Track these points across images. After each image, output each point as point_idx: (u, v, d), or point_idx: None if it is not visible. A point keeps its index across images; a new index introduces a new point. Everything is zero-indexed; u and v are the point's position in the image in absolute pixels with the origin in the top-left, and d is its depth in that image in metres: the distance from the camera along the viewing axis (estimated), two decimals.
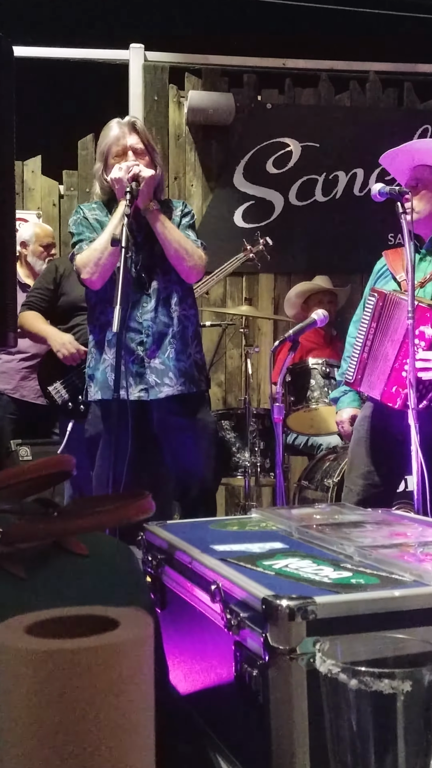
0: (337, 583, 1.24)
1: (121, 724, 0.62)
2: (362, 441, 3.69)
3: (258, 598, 1.15)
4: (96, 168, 3.63)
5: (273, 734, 1.10)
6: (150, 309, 3.50)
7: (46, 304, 4.87)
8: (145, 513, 1.16)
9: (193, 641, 1.47)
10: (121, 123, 3.59)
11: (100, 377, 3.52)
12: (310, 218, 6.37)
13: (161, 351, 3.50)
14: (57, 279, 4.88)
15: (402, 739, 0.86)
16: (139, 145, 3.54)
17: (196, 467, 3.60)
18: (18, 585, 1.04)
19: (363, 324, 3.59)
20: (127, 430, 3.22)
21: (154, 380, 3.47)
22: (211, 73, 6.49)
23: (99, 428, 3.55)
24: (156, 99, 6.43)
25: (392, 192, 3.39)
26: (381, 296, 3.51)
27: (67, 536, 1.14)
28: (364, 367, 3.56)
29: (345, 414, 3.96)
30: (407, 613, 1.16)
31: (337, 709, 0.88)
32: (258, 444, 4.97)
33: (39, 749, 0.61)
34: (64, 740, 0.61)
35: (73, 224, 3.63)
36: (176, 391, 3.49)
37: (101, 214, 3.61)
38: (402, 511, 2.36)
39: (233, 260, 5.44)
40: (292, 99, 6.61)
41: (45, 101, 7.45)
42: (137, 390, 3.47)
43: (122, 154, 3.52)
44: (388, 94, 6.73)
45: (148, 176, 3.39)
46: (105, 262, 3.37)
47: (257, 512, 1.97)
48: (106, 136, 3.58)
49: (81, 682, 0.61)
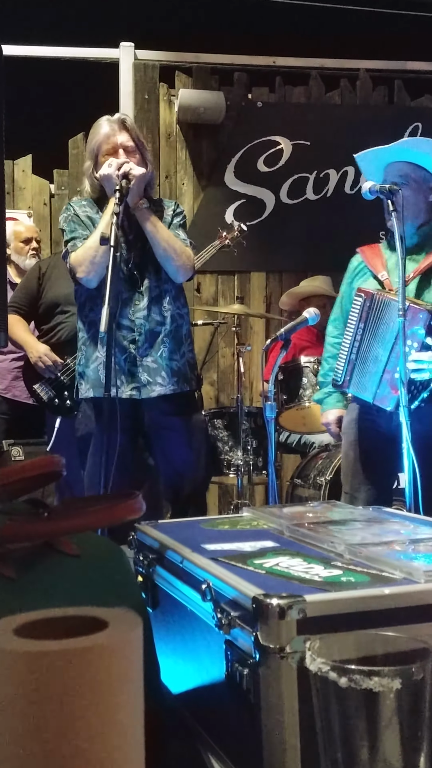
0: (327, 581, 1.25)
1: (110, 725, 0.63)
2: (354, 445, 3.66)
3: (248, 596, 1.15)
4: (86, 166, 3.61)
5: (264, 732, 1.10)
6: (142, 307, 3.49)
7: (28, 307, 4.91)
8: (136, 513, 1.16)
9: (185, 640, 1.47)
10: (111, 120, 3.58)
11: (92, 375, 3.51)
12: (301, 216, 6.37)
13: (154, 349, 3.49)
14: (40, 279, 4.92)
15: (392, 736, 0.86)
16: (129, 142, 3.53)
17: (187, 466, 3.60)
18: (8, 586, 1.04)
19: (350, 324, 3.55)
20: (117, 431, 3.21)
21: (146, 379, 3.47)
22: (201, 71, 6.49)
23: (90, 427, 3.54)
24: (146, 97, 6.43)
25: (382, 190, 3.39)
26: (368, 296, 3.48)
27: (58, 537, 1.14)
28: (352, 369, 3.53)
29: (331, 415, 3.90)
30: (397, 610, 1.16)
31: (328, 707, 0.88)
32: (250, 442, 4.97)
33: (28, 749, 0.61)
34: (53, 741, 0.61)
35: (64, 221, 3.62)
36: (168, 390, 3.49)
37: (92, 211, 3.60)
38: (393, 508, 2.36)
39: (209, 247, 5.42)
40: (282, 97, 6.61)
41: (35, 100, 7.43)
42: (129, 388, 3.46)
43: (112, 152, 3.50)
44: (379, 91, 6.74)
45: (138, 174, 3.38)
46: (100, 260, 3.36)
47: (248, 511, 1.97)
48: (96, 134, 3.56)
49: (70, 683, 0.61)
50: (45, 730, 0.61)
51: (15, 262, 5.45)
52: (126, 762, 0.64)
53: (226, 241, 5.42)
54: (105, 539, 1.31)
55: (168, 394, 3.50)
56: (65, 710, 0.61)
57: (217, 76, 6.53)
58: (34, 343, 4.78)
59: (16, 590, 1.04)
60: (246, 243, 5.53)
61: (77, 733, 0.61)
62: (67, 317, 4.74)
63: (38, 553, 1.11)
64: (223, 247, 5.43)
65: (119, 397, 3.36)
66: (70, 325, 4.63)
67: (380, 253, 3.70)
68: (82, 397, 3.58)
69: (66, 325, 4.74)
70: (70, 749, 0.61)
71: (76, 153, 6.42)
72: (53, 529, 1.13)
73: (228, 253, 5.56)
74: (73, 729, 0.61)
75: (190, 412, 3.68)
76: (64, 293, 4.69)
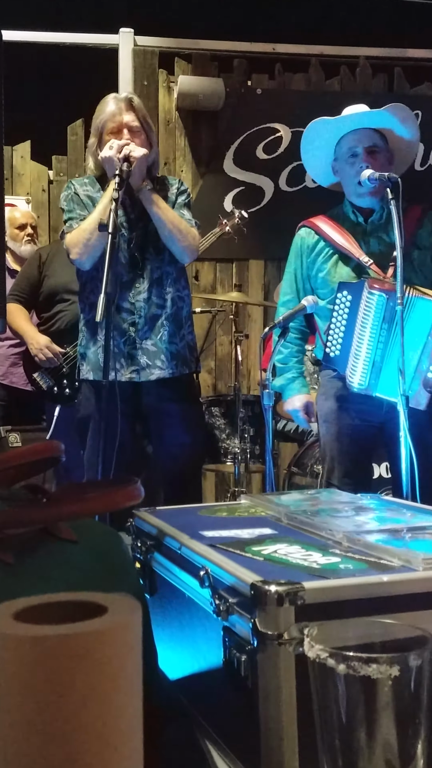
0: (325, 568, 1.25)
1: (109, 710, 0.63)
2: (339, 437, 3.57)
3: (247, 583, 1.15)
4: (90, 143, 3.58)
5: (261, 719, 1.10)
6: (143, 290, 3.48)
7: (28, 295, 4.91)
8: (134, 499, 1.16)
9: (182, 627, 1.47)
10: (118, 99, 3.54)
11: (92, 358, 3.51)
12: (300, 204, 6.34)
13: (153, 333, 3.48)
14: (40, 267, 4.93)
15: (390, 724, 0.86)
16: (135, 122, 3.49)
17: (183, 449, 3.59)
18: (6, 571, 1.04)
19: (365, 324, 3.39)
20: (117, 415, 3.21)
21: (146, 362, 3.47)
22: (201, 58, 6.47)
23: (90, 409, 3.54)
24: (146, 84, 6.41)
25: (381, 178, 3.37)
26: (390, 294, 3.32)
27: (56, 522, 1.14)
28: (379, 371, 3.38)
29: (298, 401, 3.77)
30: (395, 598, 1.16)
31: (326, 694, 0.88)
32: (248, 430, 4.98)
33: (26, 734, 0.61)
34: (52, 725, 0.61)
35: (63, 200, 3.60)
36: (167, 374, 3.49)
37: (93, 190, 3.57)
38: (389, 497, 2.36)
39: (209, 235, 5.41)
40: (282, 84, 6.59)
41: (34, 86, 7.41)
42: (128, 371, 3.46)
43: (117, 131, 3.47)
44: (379, 79, 6.72)
45: (140, 156, 3.35)
46: (94, 243, 3.35)
47: (246, 498, 1.97)
48: (102, 111, 3.53)
49: (69, 668, 0.61)
50: (44, 714, 0.61)
51: (11, 248, 5.44)
52: (124, 746, 0.64)
53: (226, 229, 5.40)
54: (103, 525, 1.31)
55: (167, 378, 3.49)
56: (64, 695, 0.61)
57: (216, 63, 6.50)
58: (34, 334, 4.78)
59: (14, 575, 1.04)
60: (245, 230, 5.52)
61: (76, 718, 0.61)
62: (67, 305, 4.74)
63: (36, 539, 1.11)
64: (223, 234, 5.42)
65: (118, 381, 3.36)
66: (70, 313, 4.63)
67: (345, 231, 3.60)
68: (83, 378, 3.58)
69: (66, 313, 4.74)
70: (68, 734, 0.61)
71: (75, 139, 6.41)
72: (51, 515, 1.13)
73: (226, 240, 5.55)
74: (72, 714, 0.61)
75: (189, 395, 3.68)
76: (64, 281, 4.69)
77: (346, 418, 3.56)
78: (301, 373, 3.81)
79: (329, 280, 3.59)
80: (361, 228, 3.60)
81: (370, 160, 3.49)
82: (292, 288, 3.75)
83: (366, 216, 3.59)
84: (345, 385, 3.46)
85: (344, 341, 3.45)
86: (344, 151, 3.57)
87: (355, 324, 3.42)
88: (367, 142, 3.52)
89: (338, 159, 3.63)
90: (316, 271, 3.64)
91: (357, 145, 3.53)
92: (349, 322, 3.43)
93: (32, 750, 0.61)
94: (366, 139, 3.53)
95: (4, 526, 1.07)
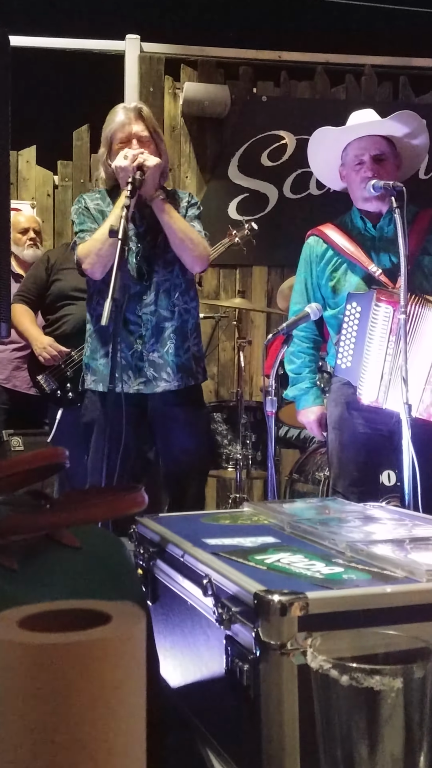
0: (328, 578, 1.24)
1: (113, 718, 0.62)
2: (348, 445, 3.54)
3: (250, 592, 1.15)
4: (101, 153, 3.57)
5: (263, 729, 1.10)
6: (149, 302, 3.48)
7: (35, 296, 4.91)
8: (138, 506, 1.16)
9: (184, 635, 1.47)
10: (128, 109, 3.54)
11: (99, 369, 3.51)
12: (304, 211, 6.35)
13: (160, 345, 3.49)
14: (48, 269, 4.92)
15: (392, 735, 0.86)
16: (144, 132, 3.49)
17: (188, 457, 3.59)
18: (9, 577, 1.04)
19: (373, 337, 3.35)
20: (122, 423, 3.21)
21: (152, 374, 3.47)
22: (206, 64, 6.47)
23: (95, 414, 3.54)
24: (151, 90, 6.41)
25: (386, 187, 3.36)
26: (397, 308, 3.23)
27: (60, 529, 1.14)
28: (387, 386, 3.34)
29: (312, 414, 3.74)
30: (399, 609, 1.16)
31: (328, 705, 0.88)
32: (249, 437, 4.97)
33: (30, 742, 0.61)
34: (56, 733, 0.61)
35: (74, 213, 3.61)
36: (173, 386, 3.49)
37: (103, 204, 3.58)
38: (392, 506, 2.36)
39: (218, 246, 5.42)
40: (287, 92, 6.59)
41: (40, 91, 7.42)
42: (136, 383, 3.46)
43: (127, 141, 3.47)
44: (384, 87, 6.72)
45: (153, 165, 3.36)
46: (105, 253, 3.35)
47: (249, 506, 1.97)
48: (112, 121, 3.52)
49: (73, 676, 0.61)
50: (48, 721, 0.61)
51: (14, 252, 5.44)
52: (127, 755, 0.64)
53: (236, 240, 5.41)
54: (106, 532, 1.31)
55: (173, 390, 3.50)
56: (68, 703, 0.61)
57: (222, 70, 6.51)
58: (38, 335, 4.79)
59: (17, 581, 1.04)
60: (254, 242, 5.53)
61: (80, 726, 0.61)
62: (72, 309, 4.74)
63: (40, 545, 1.11)
64: (232, 245, 5.43)
65: (126, 393, 3.36)
66: (76, 317, 4.63)
67: (354, 240, 3.58)
68: (88, 388, 3.58)
69: (71, 317, 4.74)
70: (72, 742, 0.61)
71: (80, 144, 6.41)
72: (55, 521, 1.13)
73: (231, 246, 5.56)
74: (75, 722, 0.61)
75: (194, 404, 3.67)
76: (71, 285, 4.70)
77: (355, 426, 3.54)
78: (314, 383, 3.79)
79: (339, 290, 3.57)
80: (369, 236, 3.59)
81: (376, 168, 3.48)
82: (302, 297, 3.73)
83: (374, 222, 3.58)
84: (355, 392, 3.45)
85: (355, 353, 3.41)
86: (351, 158, 3.56)
87: (365, 336, 3.39)
88: (373, 150, 3.51)
89: (345, 165, 3.62)
90: (326, 280, 3.62)
91: (363, 153, 3.52)
92: (359, 334, 3.40)
93: (36, 757, 0.61)
94: (373, 147, 3.51)
95: (8, 532, 1.07)
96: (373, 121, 3.59)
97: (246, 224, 5.43)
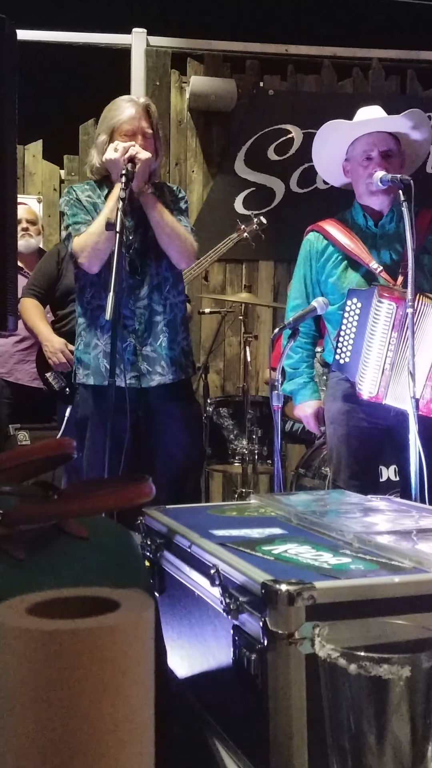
0: (336, 568, 1.24)
1: (121, 706, 0.62)
2: (347, 438, 3.56)
3: (257, 582, 1.15)
4: (102, 140, 3.53)
5: (271, 718, 1.10)
6: (143, 296, 3.48)
7: (45, 290, 4.90)
8: (146, 497, 1.16)
9: (192, 625, 1.47)
10: (137, 103, 3.53)
11: (92, 362, 3.50)
12: (310, 205, 6.34)
13: (153, 338, 3.49)
14: (59, 263, 4.91)
15: (401, 724, 0.86)
16: (149, 129, 3.50)
17: (183, 451, 3.59)
18: (17, 567, 1.04)
19: (374, 333, 3.39)
20: (117, 416, 3.20)
21: (146, 368, 3.47)
22: (213, 58, 6.47)
23: (88, 411, 3.54)
24: (158, 84, 6.41)
25: (393, 180, 3.37)
26: (399, 304, 3.31)
27: (67, 519, 1.14)
28: (387, 380, 3.38)
29: (309, 408, 3.78)
30: (406, 599, 1.16)
31: (336, 694, 0.88)
32: (255, 431, 4.97)
33: (39, 729, 0.61)
34: (64, 720, 0.61)
35: (66, 205, 3.58)
36: (168, 379, 3.50)
37: (94, 195, 3.57)
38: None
39: (226, 240, 5.42)
40: (294, 85, 6.59)
41: (47, 85, 7.43)
42: (129, 377, 3.46)
43: (132, 135, 3.46)
44: (391, 81, 6.71)
45: (145, 158, 3.35)
46: (102, 247, 3.34)
47: (256, 498, 1.97)
48: (120, 112, 3.51)
49: (82, 663, 0.61)
50: (56, 708, 0.61)
51: None
52: (136, 744, 0.64)
53: (244, 235, 5.41)
54: (113, 523, 1.31)
55: (167, 383, 3.50)
56: (76, 690, 0.61)
57: (229, 64, 6.51)
58: (49, 334, 4.77)
59: (25, 571, 1.04)
60: (263, 236, 5.53)
61: (88, 713, 0.61)
62: None
63: (47, 535, 1.11)
64: (240, 240, 5.42)
65: (119, 386, 3.36)
66: None
67: (354, 236, 3.60)
68: (80, 383, 3.58)
69: None
70: (80, 729, 0.61)
71: (86, 139, 6.41)
72: (62, 512, 1.13)
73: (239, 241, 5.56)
74: (84, 709, 0.61)
75: (187, 398, 3.69)
76: None
77: (354, 420, 3.55)
78: (311, 378, 3.81)
79: (339, 286, 3.58)
80: (371, 233, 3.59)
81: (384, 165, 3.49)
82: (301, 293, 3.74)
83: (376, 219, 3.59)
84: (353, 386, 3.46)
85: (354, 349, 3.44)
86: (358, 153, 3.56)
87: (365, 332, 3.41)
88: (382, 146, 3.52)
89: (350, 160, 3.62)
90: (326, 276, 3.63)
91: (372, 149, 3.52)
92: (359, 330, 3.42)
93: (44, 744, 0.61)
94: (382, 143, 3.52)
95: (16, 522, 1.07)
96: (385, 117, 3.59)
97: (255, 218, 5.43)
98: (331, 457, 3.69)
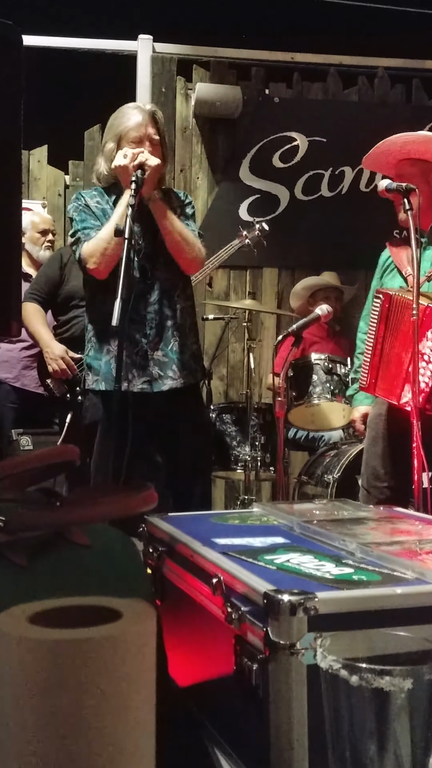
0: (338, 579, 1.24)
1: (122, 714, 0.62)
2: (378, 441, 3.65)
3: (259, 592, 1.15)
4: (110, 148, 3.52)
5: (272, 728, 1.10)
6: (153, 301, 3.49)
7: (47, 295, 4.90)
8: (148, 505, 1.16)
9: (193, 634, 1.47)
10: (144, 111, 3.53)
11: (103, 368, 3.50)
12: (315, 213, 6.35)
13: (164, 343, 3.49)
14: (62, 268, 4.90)
15: (401, 736, 0.86)
16: (156, 136, 3.51)
17: (195, 457, 3.59)
18: (19, 573, 1.04)
19: (372, 325, 3.53)
20: (127, 422, 3.21)
21: (158, 372, 3.47)
22: (219, 65, 6.47)
23: (97, 415, 3.55)
24: (163, 90, 6.42)
25: (399, 188, 3.39)
26: (387, 298, 3.45)
27: (70, 526, 1.14)
28: (377, 372, 3.51)
29: (357, 413, 3.96)
30: (409, 610, 1.16)
31: (337, 705, 0.88)
32: (258, 438, 4.96)
33: (40, 735, 0.61)
34: (66, 728, 0.61)
35: (74, 211, 3.58)
36: (179, 384, 3.49)
37: (102, 201, 3.58)
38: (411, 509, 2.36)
39: (228, 247, 5.42)
40: (300, 93, 6.59)
41: (52, 91, 7.44)
42: (140, 382, 3.46)
43: (139, 142, 3.47)
44: (397, 90, 6.71)
45: (154, 164, 3.36)
46: (111, 253, 3.35)
47: (258, 506, 1.97)
48: (127, 119, 3.51)
49: (83, 672, 0.61)
50: (58, 716, 0.61)
51: (29, 251, 5.44)
52: (137, 751, 0.64)
53: (246, 241, 5.41)
54: (115, 530, 1.31)
55: (178, 388, 3.50)
56: (78, 698, 0.61)
57: (234, 71, 6.51)
58: (49, 340, 4.76)
59: (26, 578, 1.04)
60: (265, 243, 5.53)
61: (89, 721, 0.61)
62: (83, 311, 4.74)
63: (49, 542, 1.11)
64: (242, 246, 5.42)
65: (131, 391, 3.36)
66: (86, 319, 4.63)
67: (406, 249, 3.65)
68: (90, 389, 3.58)
69: (82, 319, 4.73)
70: (82, 736, 0.61)
71: (91, 144, 6.41)
72: (65, 519, 1.13)
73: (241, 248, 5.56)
74: (85, 717, 0.61)
75: (197, 403, 3.69)
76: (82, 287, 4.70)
77: (386, 424, 3.63)
78: None
79: None
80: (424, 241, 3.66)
81: None
82: (369, 302, 3.85)
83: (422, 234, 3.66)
84: None
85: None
86: None
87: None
88: None
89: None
90: (383, 285, 3.72)
91: None
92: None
93: (46, 752, 0.61)
94: None
95: (18, 529, 1.07)
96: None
97: (257, 225, 5.43)
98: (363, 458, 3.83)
